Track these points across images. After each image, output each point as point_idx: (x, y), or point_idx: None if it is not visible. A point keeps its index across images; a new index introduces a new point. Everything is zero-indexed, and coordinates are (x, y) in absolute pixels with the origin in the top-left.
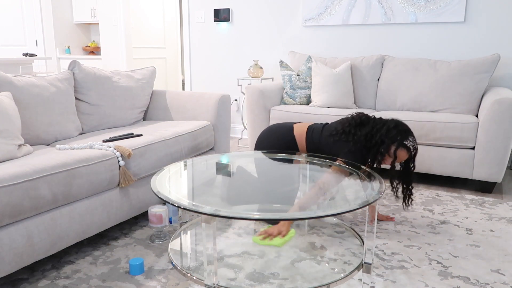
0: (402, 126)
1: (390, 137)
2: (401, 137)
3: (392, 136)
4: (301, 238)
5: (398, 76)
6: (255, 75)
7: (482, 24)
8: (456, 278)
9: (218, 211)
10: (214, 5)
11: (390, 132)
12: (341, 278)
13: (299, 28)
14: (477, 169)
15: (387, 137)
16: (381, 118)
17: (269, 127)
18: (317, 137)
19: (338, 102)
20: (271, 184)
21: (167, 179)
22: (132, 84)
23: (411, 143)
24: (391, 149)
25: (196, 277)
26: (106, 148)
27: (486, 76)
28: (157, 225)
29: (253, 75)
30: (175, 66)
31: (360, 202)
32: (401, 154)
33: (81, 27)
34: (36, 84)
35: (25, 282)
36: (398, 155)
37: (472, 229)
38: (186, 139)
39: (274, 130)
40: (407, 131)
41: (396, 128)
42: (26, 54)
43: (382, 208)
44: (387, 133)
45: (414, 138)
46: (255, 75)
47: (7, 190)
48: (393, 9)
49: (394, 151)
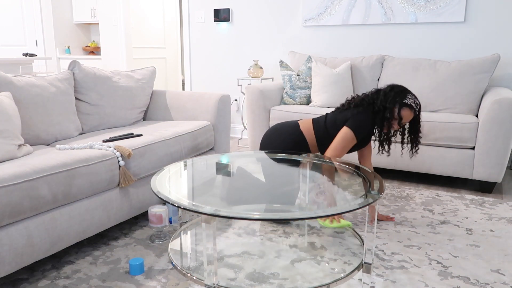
0: (397, 87)
1: (390, 101)
2: (399, 97)
3: (391, 99)
4: (301, 238)
5: (398, 76)
6: (255, 75)
7: (482, 24)
8: (456, 278)
9: (218, 211)
10: (214, 5)
11: (388, 96)
12: (341, 278)
13: (299, 28)
14: (477, 169)
15: (387, 102)
16: (376, 88)
17: (274, 127)
18: (322, 124)
19: (338, 102)
20: (271, 184)
21: (167, 179)
22: (132, 84)
23: (411, 100)
24: (395, 112)
25: (196, 277)
26: (106, 148)
27: (486, 76)
28: (157, 225)
29: (253, 75)
30: (175, 66)
31: (360, 202)
32: (405, 113)
33: (81, 27)
34: (36, 84)
35: (25, 282)
36: (403, 116)
37: (472, 229)
38: (186, 139)
39: (280, 129)
40: (404, 90)
41: (392, 91)
42: (26, 54)
43: (382, 208)
44: (385, 97)
45: (412, 95)
46: (255, 75)
47: (7, 190)
48: (393, 9)
49: (398, 112)
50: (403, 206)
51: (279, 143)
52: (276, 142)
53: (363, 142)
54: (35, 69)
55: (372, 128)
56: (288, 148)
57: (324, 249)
